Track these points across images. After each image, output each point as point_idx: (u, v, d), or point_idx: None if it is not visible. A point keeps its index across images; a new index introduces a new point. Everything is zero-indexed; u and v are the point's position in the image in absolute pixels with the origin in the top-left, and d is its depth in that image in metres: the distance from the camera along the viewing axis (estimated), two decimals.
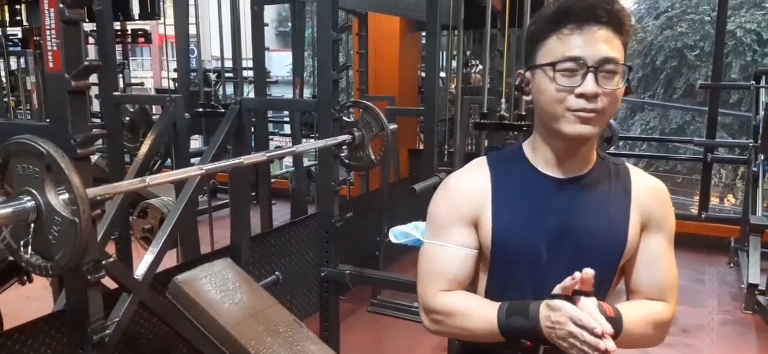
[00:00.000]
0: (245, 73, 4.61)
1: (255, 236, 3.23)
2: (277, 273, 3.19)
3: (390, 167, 3.76)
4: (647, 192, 1.12)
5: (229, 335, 2.01)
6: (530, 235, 1.10)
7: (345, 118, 2.53)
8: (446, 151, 3.76)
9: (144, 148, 2.79)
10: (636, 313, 1.08)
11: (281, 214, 5.25)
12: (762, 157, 4.00)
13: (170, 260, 2.96)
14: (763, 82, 4.43)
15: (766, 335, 3.30)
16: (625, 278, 1.17)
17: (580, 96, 1.00)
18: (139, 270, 2.24)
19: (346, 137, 2.39)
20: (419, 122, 5.28)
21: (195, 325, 2.08)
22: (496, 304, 1.07)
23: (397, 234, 1.59)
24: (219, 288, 2.17)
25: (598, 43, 1.00)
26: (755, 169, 4.05)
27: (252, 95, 4.03)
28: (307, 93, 5.73)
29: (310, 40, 4.68)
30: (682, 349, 3.14)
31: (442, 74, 4.64)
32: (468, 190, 1.13)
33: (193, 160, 3.40)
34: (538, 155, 1.11)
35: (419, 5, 3.90)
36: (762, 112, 4.11)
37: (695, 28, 13.79)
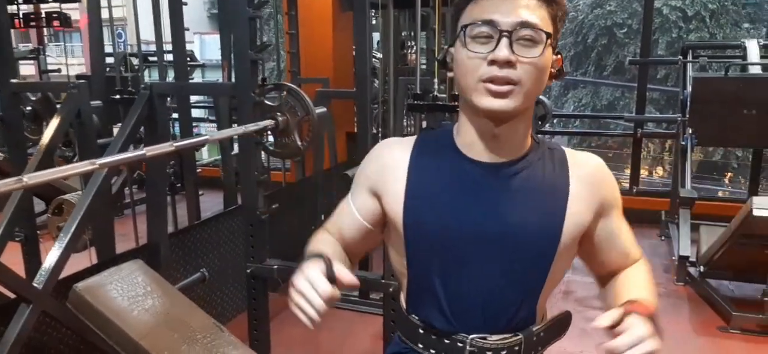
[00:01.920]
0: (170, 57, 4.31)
1: (177, 231, 3.01)
2: (202, 270, 2.97)
3: (323, 152, 3.59)
4: (591, 173, 1.03)
5: (140, 347, 1.81)
6: (448, 221, 0.99)
7: (268, 102, 2.34)
8: (380, 134, 3.64)
9: (44, 140, 2.51)
10: (641, 288, 1.04)
11: (214, 204, 4.99)
12: (690, 131, 4.08)
13: (84, 262, 2.72)
14: (689, 57, 4.52)
15: (698, 306, 3.37)
16: (586, 261, 1.11)
17: (492, 63, 0.90)
18: (39, 277, 2.00)
19: (268, 123, 2.20)
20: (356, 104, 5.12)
21: (102, 337, 1.87)
22: (319, 250, 1.01)
23: None
24: (127, 294, 1.96)
25: (517, 7, 0.91)
26: (683, 143, 4.13)
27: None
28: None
29: None
30: None
31: (380, 55, 4.50)
32: (383, 160, 1.06)
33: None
34: (463, 137, 1.01)
35: None
36: (689, 87, 4.18)
37: (623, 6, 14.21)
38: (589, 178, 1.02)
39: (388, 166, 1.04)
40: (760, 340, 2.98)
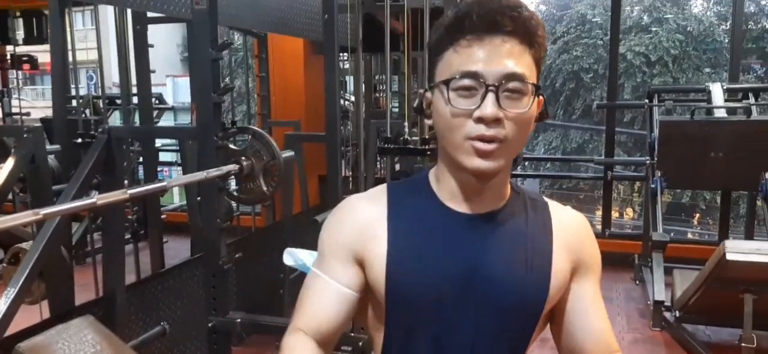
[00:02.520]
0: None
1: (136, 282, 2.86)
2: (163, 323, 2.82)
3: (293, 197, 3.49)
4: (573, 230, 0.97)
5: None
6: (433, 279, 0.90)
7: (233, 146, 2.25)
8: (351, 177, 3.57)
9: None
10: None
11: (181, 251, 4.82)
12: (659, 174, 4.11)
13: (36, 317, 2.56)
14: (655, 101, 4.59)
15: (676, 352, 3.32)
16: (555, 336, 0.99)
17: (479, 121, 0.83)
18: None
19: (231, 167, 2.11)
20: None
21: None
22: None
23: (291, 256, 1.29)
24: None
25: (501, 56, 0.83)
26: (653, 185, 4.15)
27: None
28: None
29: None
30: None
31: (353, 98, 4.47)
32: (358, 219, 0.95)
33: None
34: (443, 187, 0.93)
35: (319, 27, 3.71)
36: (656, 131, 4.23)
37: (589, 51, 14.60)
38: (570, 235, 0.97)
39: (366, 226, 0.94)
40: None
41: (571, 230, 0.97)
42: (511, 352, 0.94)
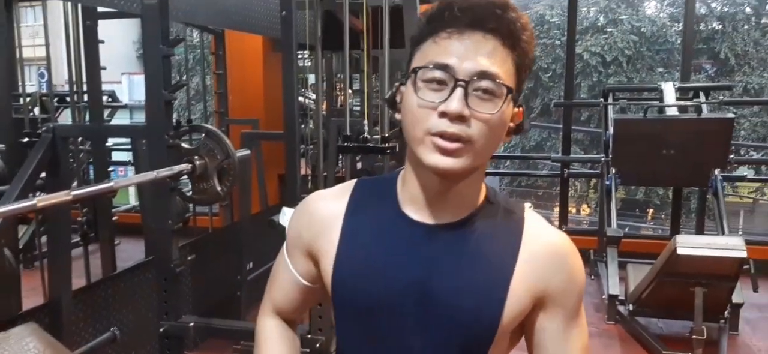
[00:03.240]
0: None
1: (85, 287, 2.75)
2: (113, 329, 2.72)
3: (250, 196, 3.42)
4: (545, 257, 0.87)
5: None
6: (381, 289, 0.86)
7: (185, 145, 2.18)
8: (310, 176, 3.52)
9: None
10: None
11: (136, 253, 4.67)
12: (613, 171, 4.20)
13: None
14: (610, 100, 4.69)
15: (629, 345, 3.39)
16: None
17: (443, 115, 0.78)
18: None
19: (183, 167, 2.05)
20: None
21: None
22: None
23: (286, 216, 1.32)
24: None
25: (478, 53, 0.79)
26: (607, 182, 4.24)
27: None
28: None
29: (174, 62, 4.21)
30: None
31: (314, 96, 4.42)
32: (315, 214, 0.94)
33: None
34: (406, 190, 0.89)
35: (277, 24, 3.65)
36: (611, 129, 4.32)
37: (547, 51, 14.87)
38: (538, 257, 0.87)
39: (322, 223, 0.93)
40: None
41: (541, 257, 0.87)
42: None
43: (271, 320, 1.06)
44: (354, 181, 0.97)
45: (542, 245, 0.88)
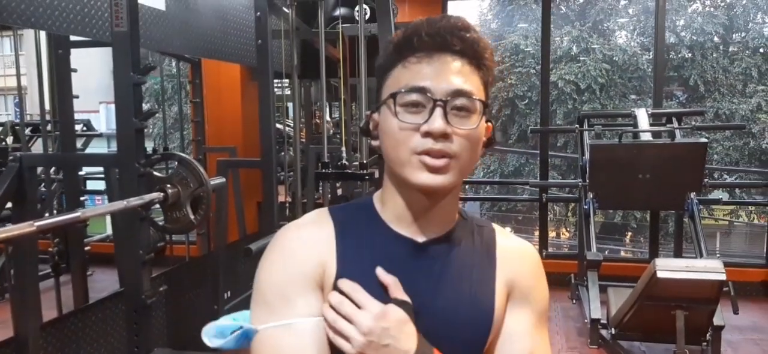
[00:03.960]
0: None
1: (54, 320, 2.64)
2: None
3: (225, 225, 3.36)
4: (513, 257, 0.93)
5: None
6: None
7: (157, 173, 2.13)
8: (289, 203, 3.48)
9: None
10: None
11: (110, 284, 4.54)
12: (591, 196, 4.23)
13: None
14: (585, 125, 4.75)
15: None
16: None
17: (427, 135, 0.81)
18: None
19: (155, 195, 1.99)
20: None
21: None
22: None
23: (212, 332, 0.92)
24: None
25: (450, 73, 0.83)
26: (586, 206, 4.26)
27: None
28: (149, 146, 5.15)
29: (152, 91, 4.14)
30: None
31: (291, 124, 4.40)
32: (310, 243, 0.86)
33: None
34: (389, 210, 0.89)
35: (253, 52, 3.65)
36: (587, 154, 4.36)
37: (523, 80, 15.08)
38: (509, 259, 0.93)
39: (318, 249, 0.86)
40: None
41: (513, 260, 0.93)
42: None
43: None
44: (325, 209, 0.93)
45: (513, 249, 0.94)
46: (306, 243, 0.87)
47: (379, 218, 0.90)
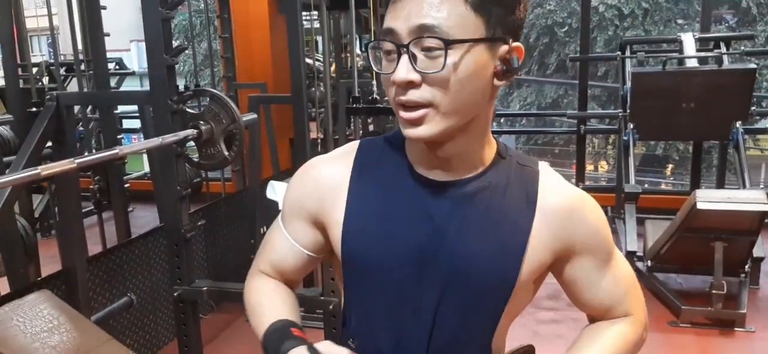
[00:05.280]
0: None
1: (99, 254, 2.76)
2: (129, 295, 2.74)
3: (259, 161, 3.40)
4: (564, 214, 0.84)
5: None
6: (392, 249, 0.83)
7: (190, 110, 2.15)
8: (320, 139, 3.48)
9: None
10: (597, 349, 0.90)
11: (151, 220, 4.71)
12: (631, 127, 4.10)
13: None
14: (627, 53, 4.56)
15: (648, 301, 3.16)
16: (570, 299, 0.95)
17: (394, 85, 0.76)
18: None
19: (188, 132, 2.01)
20: None
21: None
22: (275, 317, 0.88)
23: (273, 189, 1.24)
24: (30, 330, 1.74)
25: (421, 6, 0.72)
26: (625, 138, 4.14)
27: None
28: (180, 84, 5.20)
29: (181, 27, 4.13)
30: (570, 323, 3.10)
31: (321, 58, 4.35)
32: (319, 182, 0.89)
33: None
34: (412, 151, 0.85)
35: None
36: (628, 83, 4.20)
37: (563, 5, 14.49)
38: (555, 215, 0.84)
39: (327, 188, 0.88)
40: (709, 333, 2.98)
41: (556, 209, 0.84)
42: (477, 334, 0.87)
43: (264, 278, 0.97)
44: (357, 142, 0.92)
45: (558, 200, 0.85)
46: (315, 180, 0.90)
47: (404, 156, 0.86)
